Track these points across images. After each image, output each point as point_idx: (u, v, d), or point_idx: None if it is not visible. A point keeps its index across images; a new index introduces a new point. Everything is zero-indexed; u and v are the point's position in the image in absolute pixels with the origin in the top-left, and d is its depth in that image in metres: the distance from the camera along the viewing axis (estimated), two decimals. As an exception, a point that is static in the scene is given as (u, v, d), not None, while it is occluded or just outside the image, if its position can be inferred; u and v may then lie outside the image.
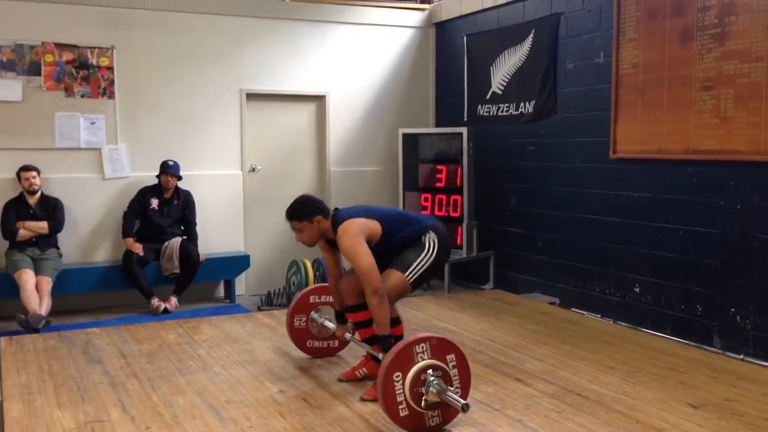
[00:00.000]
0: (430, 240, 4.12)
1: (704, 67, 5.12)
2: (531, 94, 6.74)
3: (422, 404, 3.55)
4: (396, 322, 4.13)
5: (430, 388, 3.52)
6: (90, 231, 6.86)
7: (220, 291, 7.39)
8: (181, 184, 6.93)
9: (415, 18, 8.12)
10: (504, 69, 7.09)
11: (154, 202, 6.81)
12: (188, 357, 4.91)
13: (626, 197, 5.81)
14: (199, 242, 6.94)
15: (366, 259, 3.88)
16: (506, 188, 7.15)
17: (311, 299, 4.84)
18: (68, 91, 6.68)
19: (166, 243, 6.77)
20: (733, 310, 5.01)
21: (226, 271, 7.20)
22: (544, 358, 4.80)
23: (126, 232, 6.73)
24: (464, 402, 3.49)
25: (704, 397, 4.08)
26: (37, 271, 6.20)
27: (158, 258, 6.76)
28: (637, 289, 5.74)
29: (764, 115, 4.73)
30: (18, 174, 6.37)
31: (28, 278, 6.07)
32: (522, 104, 6.86)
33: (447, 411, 3.64)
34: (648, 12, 5.53)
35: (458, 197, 7.12)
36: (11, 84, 6.48)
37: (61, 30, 6.64)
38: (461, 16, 7.70)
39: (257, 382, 4.38)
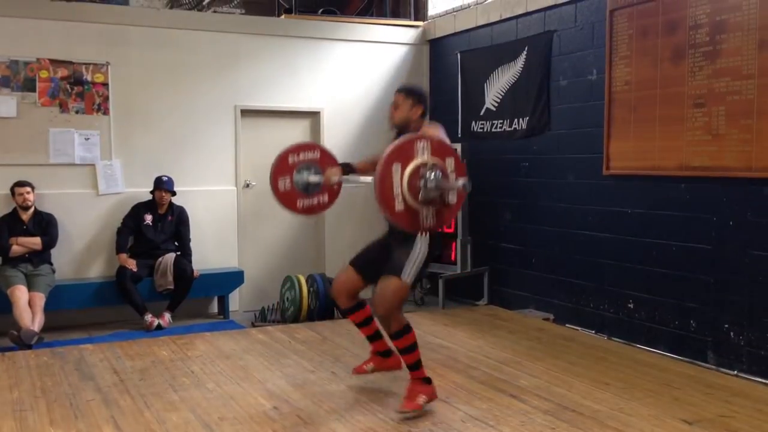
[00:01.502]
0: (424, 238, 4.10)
1: (696, 85, 5.16)
2: (524, 111, 6.78)
3: (420, 198, 3.58)
4: (408, 329, 4.09)
5: (428, 181, 3.55)
6: (83, 247, 6.84)
7: (214, 307, 7.36)
8: (175, 200, 6.93)
9: (409, 35, 8.17)
10: (498, 86, 7.14)
11: (148, 218, 6.81)
12: (181, 373, 4.89)
13: (619, 213, 5.84)
14: (193, 258, 6.93)
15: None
16: (500, 204, 7.17)
17: (290, 159, 4.70)
18: (63, 107, 6.69)
19: (159, 259, 6.75)
20: (726, 326, 5.03)
21: (220, 287, 7.19)
22: (538, 374, 4.80)
23: (120, 248, 6.72)
24: (464, 181, 3.57)
25: (699, 413, 4.08)
26: (30, 287, 6.17)
27: (152, 274, 6.74)
28: (631, 305, 5.75)
29: (756, 132, 4.77)
30: (12, 189, 6.36)
31: (20, 294, 6.04)
32: (516, 121, 6.89)
33: (441, 213, 3.68)
34: (640, 30, 5.58)
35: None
36: (6, 100, 6.48)
37: (56, 46, 6.65)
38: (455, 34, 7.76)
39: (251, 399, 4.36)
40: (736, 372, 4.89)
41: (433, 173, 3.58)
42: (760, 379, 4.73)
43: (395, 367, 4.51)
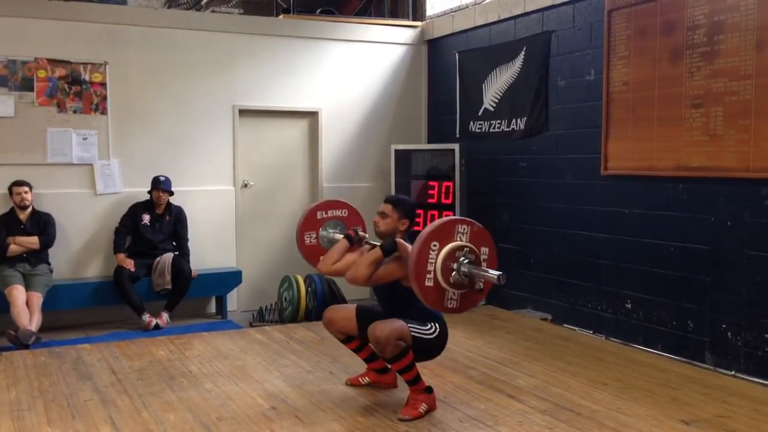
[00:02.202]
0: (434, 325, 4.10)
1: (694, 85, 5.17)
2: (523, 111, 6.79)
3: (450, 279, 3.70)
4: (405, 351, 4.01)
5: (462, 265, 3.70)
6: (81, 246, 6.83)
7: (212, 307, 7.36)
8: (173, 200, 6.92)
9: (408, 35, 8.17)
10: (496, 86, 7.14)
11: (146, 218, 6.80)
12: (179, 373, 4.89)
13: (617, 213, 5.84)
14: (191, 258, 6.92)
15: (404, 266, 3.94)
16: (498, 204, 7.18)
17: (319, 215, 4.83)
18: (61, 107, 6.68)
19: (157, 258, 6.74)
20: (724, 326, 5.03)
21: (218, 287, 7.18)
22: (536, 374, 4.80)
23: (117, 248, 6.71)
24: (499, 273, 3.67)
25: (696, 413, 4.08)
26: (28, 287, 6.16)
27: (150, 274, 6.74)
28: (628, 305, 5.76)
29: (753, 132, 4.77)
30: (10, 189, 6.35)
31: (18, 294, 6.03)
32: (514, 121, 6.90)
33: (466, 298, 3.80)
34: (638, 30, 5.59)
35: (450, 213, 7.13)
36: (4, 99, 6.47)
37: (54, 46, 6.65)
38: (453, 34, 7.76)
39: (249, 399, 4.36)
40: (733, 372, 4.90)
41: (467, 258, 3.73)
42: (757, 380, 4.74)
43: (391, 385, 4.52)
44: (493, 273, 3.69)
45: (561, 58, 6.39)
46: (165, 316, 6.68)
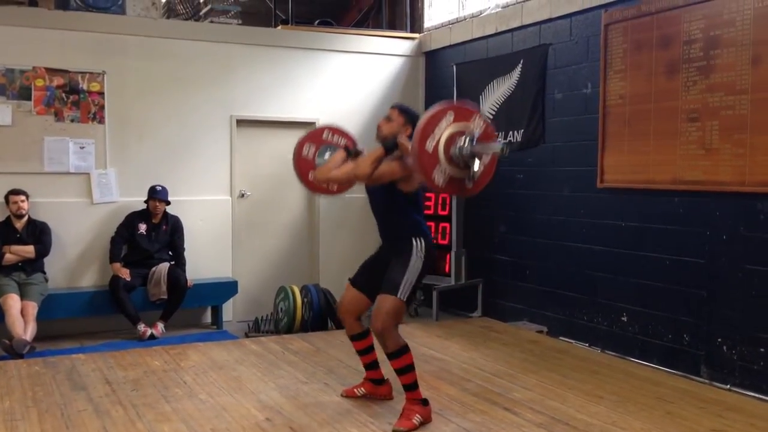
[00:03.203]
0: (418, 247, 4.12)
1: (690, 99, 5.19)
2: (519, 123, 6.80)
3: (450, 152, 3.76)
4: (405, 350, 4.10)
5: (466, 142, 3.76)
6: (77, 256, 6.82)
7: (208, 317, 7.34)
8: (169, 210, 6.92)
9: (405, 47, 8.19)
10: (493, 98, 7.16)
11: (142, 227, 6.79)
12: (174, 384, 4.87)
13: (613, 226, 5.85)
14: (187, 268, 6.90)
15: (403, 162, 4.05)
16: (495, 216, 7.18)
17: (325, 134, 4.83)
18: (58, 116, 6.68)
19: (153, 268, 6.73)
20: (719, 340, 5.03)
21: (214, 297, 7.17)
22: (532, 387, 4.79)
23: (113, 257, 6.70)
24: (504, 142, 3.79)
25: (692, 427, 4.08)
26: (23, 296, 6.14)
27: (145, 283, 6.72)
28: (624, 319, 5.75)
29: (749, 146, 4.79)
30: (6, 198, 6.34)
31: (13, 303, 6.01)
32: (511, 133, 6.91)
33: (453, 182, 3.84)
34: (635, 44, 5.61)
35: (447, 225, 7.14)
36: (1, 108, 6.46)
37: (52, 55, 6.65)
38: (450, 46, 7.78)
39: (244, 410, 4.34)
40: (729, 386, 4.90)
41: (467, 140, 3.76)
42: (752, 394, 4.74)
43: (387, 396, 4.52)
44: (496, 144, 3.77)
45: (558, 71, 6.41)
46: (160, 326, 6.66)
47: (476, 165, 3.78)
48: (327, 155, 4.74)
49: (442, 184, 3.83)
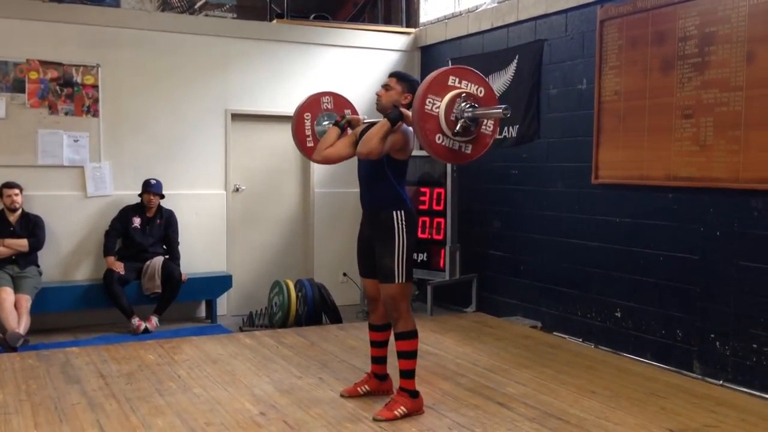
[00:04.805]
0: (400, 219, 4.13)
1: (684, 96, 5.20)
2: (514, 119, 6.80)
3: (452, 116, 3.78)
4: (414, 334, 4.15)
5: (466, 108, 3.77)
6: (71, 249, 6.80)
7: (202, 311, 7.34)
8: (164, 203, 6.91)
9: (401, 41, 8.18)
10: (488, 93, 7.15)
11: (136, 221, 6.78)
12: (168, 378, 4.87)
13: (608, 222, 5.86)
14: (182, 261, 6.90)
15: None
16: (489, 212, 7.19)
17: (323, 101, 4.83)
18: (52, 109, 6.66)
19: (147, 262, 6.72)
20: (712, 335, 5.06)
21: (208, 291, 7.16)
22: (525, 382, 4.81)
23: (107, 251, 6.69)
24: (504, 106, 3.76)
25: (684, 422, 4.10)
26: (17, 289, 6.13)
27: (139, 277, 6.72)
28: (618, 314, 5.77)
29: (743, 143, 4.80)
30: (0, 191, 6.32)
31: (6, 296, 6.00)
32: (506, 128, 6.92)
33: (453, 152, 3.92)
34: (630, 40, 5.62)
35: (441, 220, 7.15)
36: (-5, 101, 6.46)
37: (46, 47, 6.63)
38: (446, 41, 7.78)
39: (238, 404, 4.34)
40: (721, 382, 4.92)
41: (468, 104, 3.77)
42: (745, 389, 4.76)
43: (389, 391, 4.49)
44: (497, 108, 3.78)
45: (553, 66, 6.42)
46: (154, 319, 6.66)
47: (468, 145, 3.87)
48: (326, 123, 4.75)
49: (444, 153, 3.87)
